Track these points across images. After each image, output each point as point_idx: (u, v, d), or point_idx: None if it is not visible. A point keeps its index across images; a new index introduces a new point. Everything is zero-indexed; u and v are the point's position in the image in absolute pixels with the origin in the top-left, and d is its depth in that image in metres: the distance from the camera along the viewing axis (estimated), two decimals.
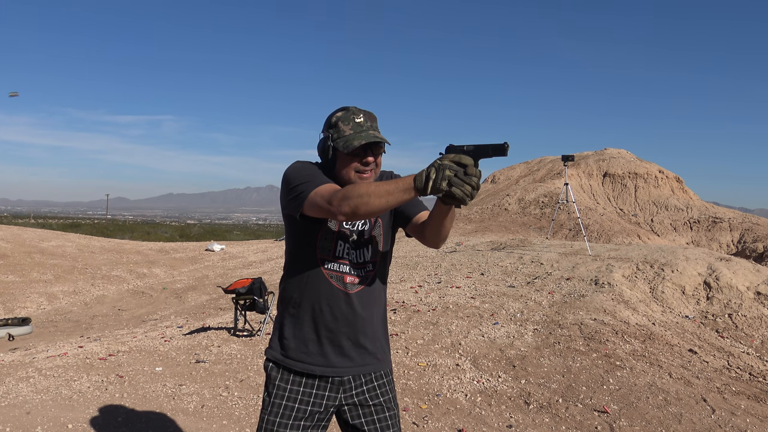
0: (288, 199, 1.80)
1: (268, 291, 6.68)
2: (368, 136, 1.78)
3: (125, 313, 10.41)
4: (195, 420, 3.92)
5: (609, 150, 27.56)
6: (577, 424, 3.91)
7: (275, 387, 1.85)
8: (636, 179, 24.71)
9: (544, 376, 4.75)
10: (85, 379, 4.71)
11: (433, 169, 1.52)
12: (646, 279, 7.71)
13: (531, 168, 27.90)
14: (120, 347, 5.80)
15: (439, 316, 6.41)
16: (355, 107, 1.85)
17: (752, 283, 7.44)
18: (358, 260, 1.87)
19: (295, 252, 1.89)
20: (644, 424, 3.89)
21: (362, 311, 1.86)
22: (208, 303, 10.23)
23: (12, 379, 4.69)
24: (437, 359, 5.13)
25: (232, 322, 6.71)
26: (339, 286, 1.84)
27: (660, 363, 5.06)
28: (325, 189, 1.71)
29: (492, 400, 4.33)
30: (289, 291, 1.90)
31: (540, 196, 22.31)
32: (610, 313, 6.40)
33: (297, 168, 1.82)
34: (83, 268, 14.36)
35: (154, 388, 4.49)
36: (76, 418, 3.85)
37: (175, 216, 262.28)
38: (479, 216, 21.58)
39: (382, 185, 1.58)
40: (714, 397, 4.41)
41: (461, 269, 9.35)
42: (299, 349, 1.85)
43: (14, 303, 11.23)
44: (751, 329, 6.36)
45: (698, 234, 21.14)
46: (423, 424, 3.94)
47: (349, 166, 1.81)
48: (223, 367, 5.07)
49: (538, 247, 11.16)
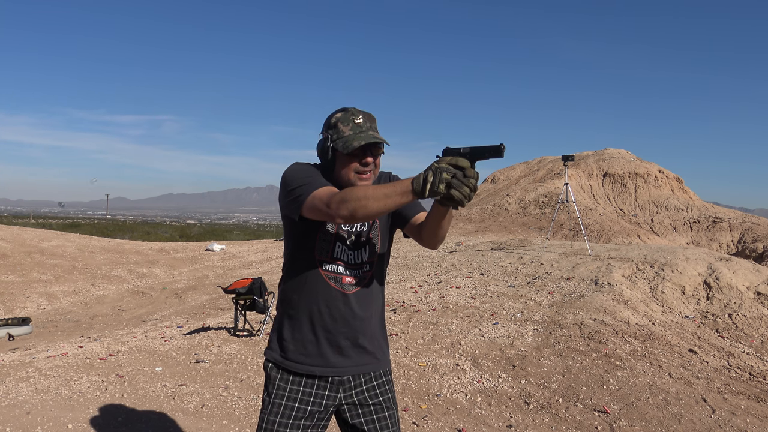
0: (286, 202, 1.80)
1: (268, 291, 6.68)
2: (367, 137, 1.79)
3: (125, 313, 10.41)
4: (195, 420, 3.92)
5: (609, 150, 27.54)
6: (577, 424, 3.91)
7: (275, 387, 1.86)
8: (636, 179, 24.69)
9: (544, 376, 4.75)
10: (85, 379, 4.71)
11: (430, 172, 1.52)
12: (646, 279, 7.71)
13: (531, 168, 27.88)
14: (120, 347, 5.80)
15: (439, 316, 6.41)
16: (354, 108, 1.85)
17: (752, 283, 7.44)
18: (356, 261, 1.88)
19: (293, 253, 1.90)
20: (644, 424, 3.89)
21: (360, 312, 1.87)
22: (208, 303, 10.23)
23: (12, 379, 4.69)
24: (437, 359, 5.13)
25: (232, 322, 6.71)
26: (337, 287, 1.85)
27: (660, 363, 5.06)
28: (323, 192, 1.71)
29: (492, 400, 4.33)
30: (287, 292, 1.90)
31: (540, 196, 22.29)
32: (610, 313, 6.40)
33: (295, 170, 1.82)
34: (83, 268, 14.36)
35: (154, 388, 4.49)
36: (76, 418, 3.86)
37: (175, 216, 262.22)
38: (479, 216, 21.57)
39: (379, 188, 1.58)
40: (714, 397, 4.41)
41: (461, 269, 9.35)
42: (298, 350, 1.86)
43: (14, 303, 11.23)
44: (751, 329, 6.36)
45: (698, 234, 21.13)
46: (423, 424, 3.94)
47: (348, 167, 1.82)
48: (223, 367, 5.07)
49: (538, 247, 11.15)
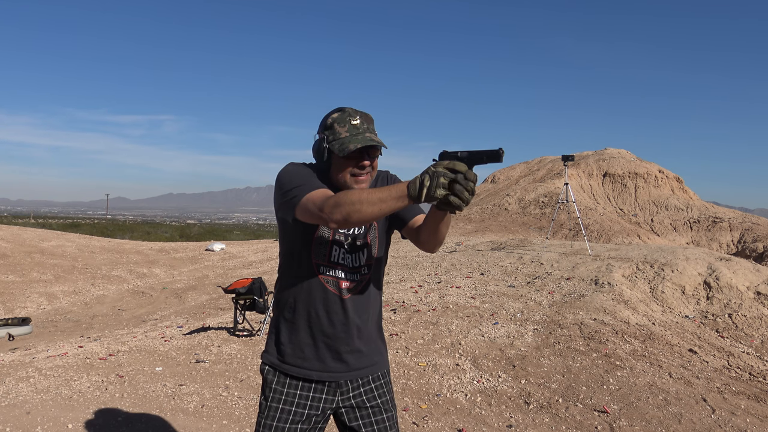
0: (281, 203, 1.77)
1: (268, 291, 6.68)
2: (364, 140, 1.73)
3: (125, 313, 10.41)
4: (195, 420, 3.92)
5: (609, 150, 27.53)
6: (577, 424, 3.91)
7: (272, 390, 1.84)
8: (636, 179, 24.69)
9: (544, 376, 4.75)
10: (85, 379, 4.71)
11: (427, 176, 1.47)
12: (646, 279, 7.71)
13: (531, 168, 27.88)
14: (120, 347, 5.80)
15: (439, 316, 6.41)
16: (351, 108, 1.80)
17: (752, 283, 7.44)
18: (353, 264, 1.84)
19: (289, 256, 1.86)
20: (644, 423, 3.89)
21: (358, 315, 1.84)
22: (208, 303, 10.23)
23: (12, 379, 4.69)
24: (437, 359, 5.13)
25: (232, 322, 6.70)
26: (334, 290, 1.81)
27: (660, 363, 5.06)
28: (317, 195, 1.66)
29: (492, 400, 4.33)
30: (284, 295, 1.87)
31: (540, 196, 22.29)
32: (610, 313, 6.40)
33: (290, 171, 1.77)
34: (83, 268, 14.36)
35: (154, 388, 4.49)
36: (76, 418, 3.86)
37: (175, 216, 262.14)
38: (479, 216, 21.58)
39: (374, 192, 1.53)
40: (714, 397, 4.41)
41: (461, 269, 9.35)
42: (295, 354, 1.83)
43: (14, 303, 11.23)
44: (751, 329, 6.36)
45: (698, 234, 21.12)
46: (423, 424, 3.94)
47: (344, 170, 1.77)
48: (223, 367, 5.07)
49: (538, 247, 11.15)
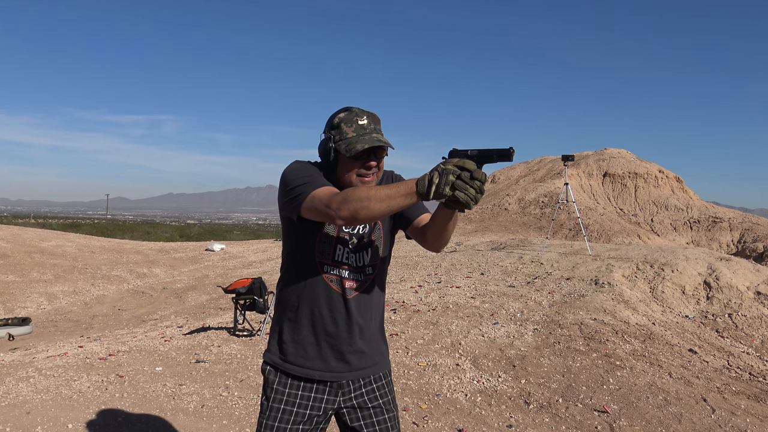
0: (285, 201, 1.75)
1: (268, 291, 6.68)
2: (371, 140, 1.72)
3: (125, 313, 10.41)
4: (195, 420, 3.92)
5: (609, 150, 27.52)
6: (577, 424, 3.91)
7: (273, 391, 1.83)
8: (636, 179, 24.68)
9: (544, 375, 4.75)
10: (85, 379, 4.71)
11: (436, 173, 1.47)
12: (646, 279, 7.71)
13: (531, 168, 27.87)
14: (120, 347, 5.80)
15: (439, 315, 6.41)
16: (358, 108, 1.78)
17: (752, 282, 7.44)
18: (358, 264, 1.83)
19: (292, 255, 1.85)
20: (644, 423, 3.89)
21: (361, 315, 1.83)
22: (208, 303, 10.23)
23: (12, 379, 4.69)
24: (437, 359, 5.13)
25: (232, 322, 6.70)
26: (338, 290, 1.81)
27: (660, 363, 5.06)
28: (323, 192, 1.65)
29: (492, 400, 4.33)
30: (287, 294, 1.86)
31: (540, 196, 22.29)
32: (610, 312, 6.40)
33: (296, 168, 1.76)
34: (83, 268, 14.35)
35: (154, 388, 4.49)
36: (76, 417, 3.86)
37: (175, 216, 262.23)
38: (479, 216, 21.57)
39: (382, 189, 1.52)
40: (714, 396, 4.41)
41: (461, 269, 9.35)
42: (298, 353, 1.82)
43: (14, 303, 11.23)
44: (751, 329, 6.36)
45: (698, 234, 21.12)
46: (423, 424, 3.94)
47: (350, 170, 1.76)
48: (223, 366, 5.07)
49: (538, 247, 11.15)
